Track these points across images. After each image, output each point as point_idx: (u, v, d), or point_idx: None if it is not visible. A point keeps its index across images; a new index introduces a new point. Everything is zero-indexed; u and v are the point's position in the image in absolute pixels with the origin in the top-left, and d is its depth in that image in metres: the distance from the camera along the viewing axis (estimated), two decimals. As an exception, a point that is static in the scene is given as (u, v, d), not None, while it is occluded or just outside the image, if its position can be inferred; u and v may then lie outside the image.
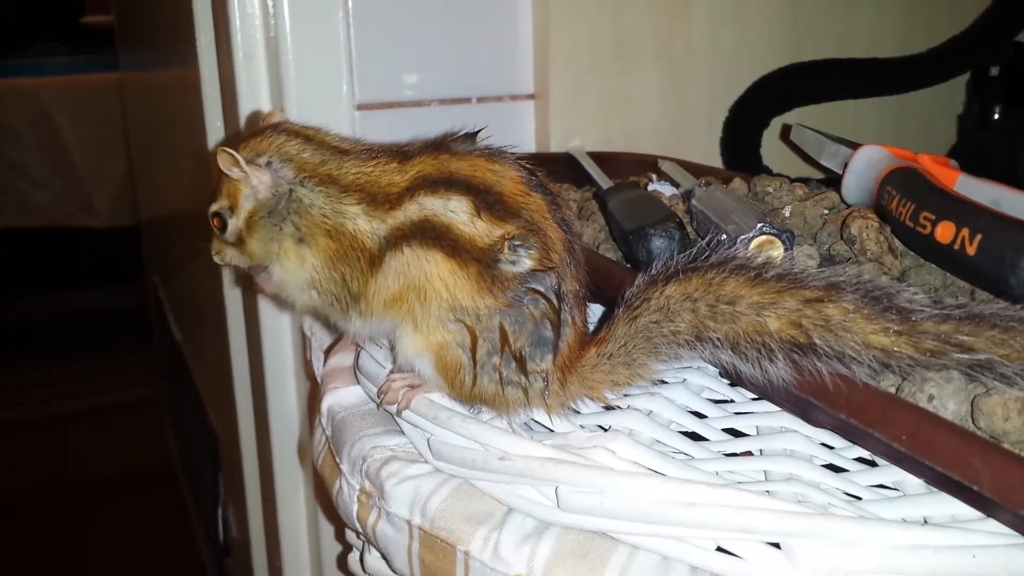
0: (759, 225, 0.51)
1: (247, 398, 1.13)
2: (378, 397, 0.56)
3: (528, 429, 0.54)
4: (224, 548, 1.43)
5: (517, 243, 0.50)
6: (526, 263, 0.50)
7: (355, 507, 0.57)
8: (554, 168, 0.67)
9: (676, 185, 0.73)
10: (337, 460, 0.60)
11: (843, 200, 0.61)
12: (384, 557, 0.60)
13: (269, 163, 0.54)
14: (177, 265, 1.65)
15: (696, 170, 0.79)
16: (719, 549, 0.44)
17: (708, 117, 1.02)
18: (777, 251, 0.51)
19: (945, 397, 0.43)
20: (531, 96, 1.00)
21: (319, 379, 0.69)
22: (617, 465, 0.47)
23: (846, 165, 0.60)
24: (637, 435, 0.51)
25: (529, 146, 1.01)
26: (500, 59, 0.98)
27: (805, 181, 0.69)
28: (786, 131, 0.79)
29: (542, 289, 0.51)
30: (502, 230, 0.50)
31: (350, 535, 0.69)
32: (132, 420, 2.47)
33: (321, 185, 0.53)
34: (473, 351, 0.51)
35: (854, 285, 0.43)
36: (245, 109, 0.94)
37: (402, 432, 0.58)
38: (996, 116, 1.07)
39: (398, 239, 0.52)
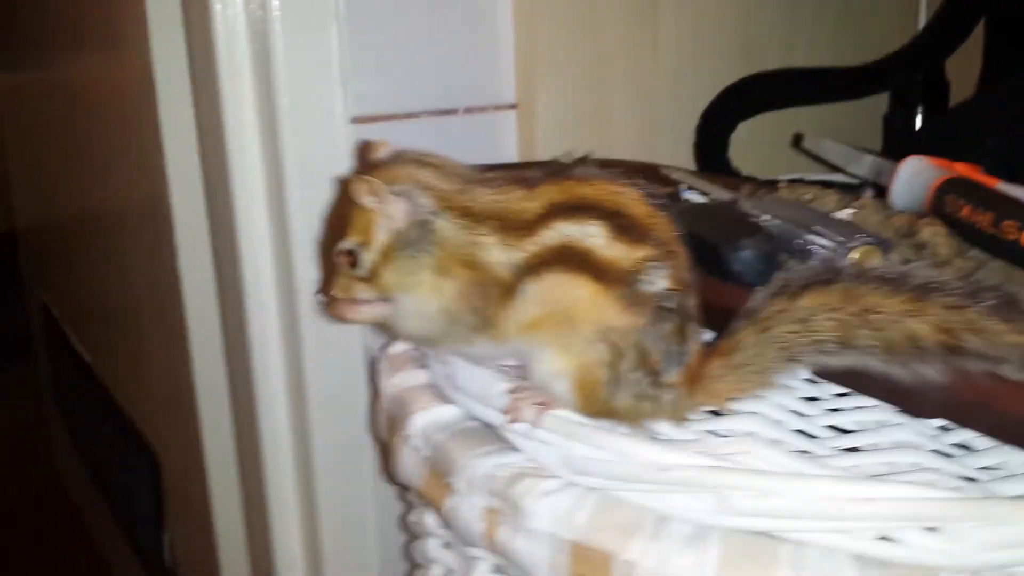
0: (859, 235, 0.56)
1: (218, 413, 1.10)
2: (505, 415, 0.58)
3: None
4: (170, 571, 1.38)
5: (654, 264, 0.53)
6: (662, 283, 0.53)
7: (481, 525, 0.58)
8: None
9: (705, 194, 0.78)
10: (447, 480, 0.61)
11: (889, 206, 0.67)
12: (500, 571, 0.62)
13: (406, 192, 0.54)
14: (89, 277, 1.56)
15: (705, 178, 0.84)
16: (881, 538, 0.49)
17: (674, 126, 1.08)
18: (877, 259, 0.56)
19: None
20: (513, 106, 1.02)
21: (389, 399, 0.70)
22: (776, 468, 0.51)
23: (890, 174, 0.67)
24: (758, 437, 0.56)
25: (512, 156, 1.03)
26: (483, 69, 1.00)
27: (827, 185, 0.75)
28: (796, 140, 0.86)
29: (674, 307, 0.54)
30: (639, 252, 0.53)
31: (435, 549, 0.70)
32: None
33: (458, 215, 0.54)
34: (615, 369, 0.54)
35: (988, 291, 0.49)
36: (232, 124, 0.91)
37: (516, 449, 0.60)
38: (919, 119, 1.18)
39: (536, 265, 0.54)
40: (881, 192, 0.75)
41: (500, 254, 0.54)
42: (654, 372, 0.54)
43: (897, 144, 1.19)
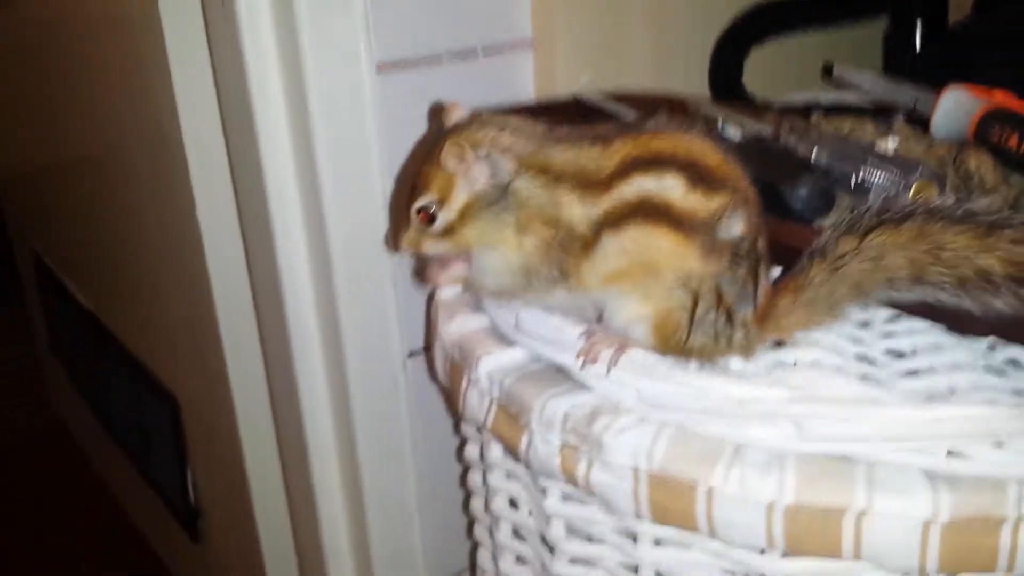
0: (916, 169, 0.59)
1: (244, 352, 1.11)
2: (580, 358, 0.61)
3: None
4: (196, 509, 1.41)
5: (730, 212, 0.55)
6: (737, 229, 0.56)
7: (557, 460, 0.61)
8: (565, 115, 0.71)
9: (739, 126, 0.79)
10: (520, 420, 0.64)
11: (925, 134, 0.70)
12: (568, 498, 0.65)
13: (488, 156, 0.56)
14: (89, 224, 1.54)
15: (731, 109, 0.86)
16: (949, 453, 0.52)
17: (688, 53, 1.09)
18: (933, 193, 0.59)
19: None
20: (530, 42, 1.02)
21: (449, 344, 0.72)
22: (849, 395, 0.54)
23: (932, 104, 0.69)
24: (822, 364, 0.59)
25: (530, 94, 1.04)
26: (500, 5, 1.00)
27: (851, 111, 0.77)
28: (827, 70, 0.87)
29: (747, 250, 0.57)
30: (715, 201, 0.55)
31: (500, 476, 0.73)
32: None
33: (536, 174, 0.56)
34: (693, 312, 0.56)
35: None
36: (254, 74, 0.91)
37: (587, 388, 0.63)
38: (918, 37, 1.20)
39: (616, 219, 0.56)
40: (909, 117, 0.77)
41: (580, 209, 0.56)
42: (728, 312, 0.57)
43: (897, 63, 1.20)
